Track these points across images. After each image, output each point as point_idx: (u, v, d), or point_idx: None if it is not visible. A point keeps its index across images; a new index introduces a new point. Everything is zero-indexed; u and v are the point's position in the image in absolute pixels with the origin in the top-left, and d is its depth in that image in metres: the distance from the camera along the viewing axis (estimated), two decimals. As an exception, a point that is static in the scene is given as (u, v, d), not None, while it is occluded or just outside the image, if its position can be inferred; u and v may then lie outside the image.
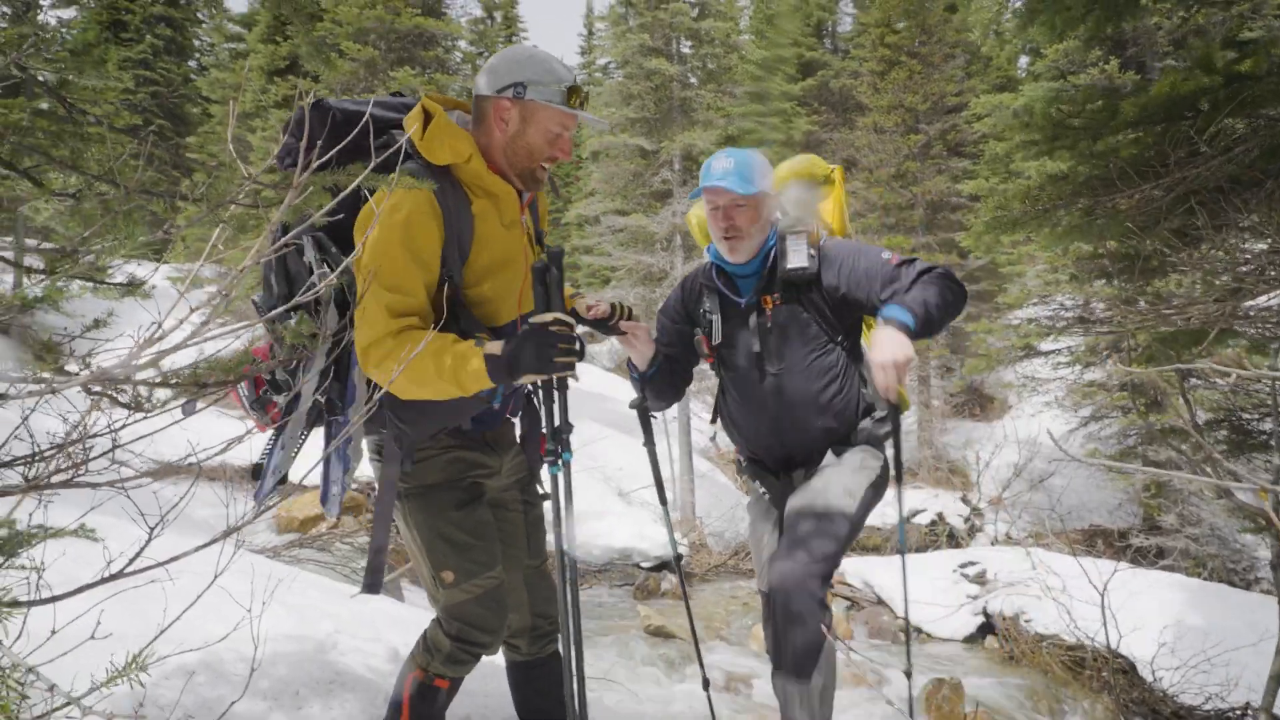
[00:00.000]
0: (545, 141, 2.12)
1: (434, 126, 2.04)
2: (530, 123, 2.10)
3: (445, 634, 2.24)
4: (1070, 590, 6.67)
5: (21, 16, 12.55)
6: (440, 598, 2.22)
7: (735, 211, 2.63)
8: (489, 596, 2.22)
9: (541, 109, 2.09)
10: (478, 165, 2.08)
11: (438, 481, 2.19)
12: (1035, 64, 15.31)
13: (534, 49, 2.20)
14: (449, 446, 2.21)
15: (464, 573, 2.18)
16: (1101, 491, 15.50)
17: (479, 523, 2.24)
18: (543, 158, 2.14)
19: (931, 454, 18.90)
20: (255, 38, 18.09)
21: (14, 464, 1.20)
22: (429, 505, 2.19)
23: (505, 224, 2.16)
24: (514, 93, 2.08)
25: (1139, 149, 2.96)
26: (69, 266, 1.31)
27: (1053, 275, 14.23)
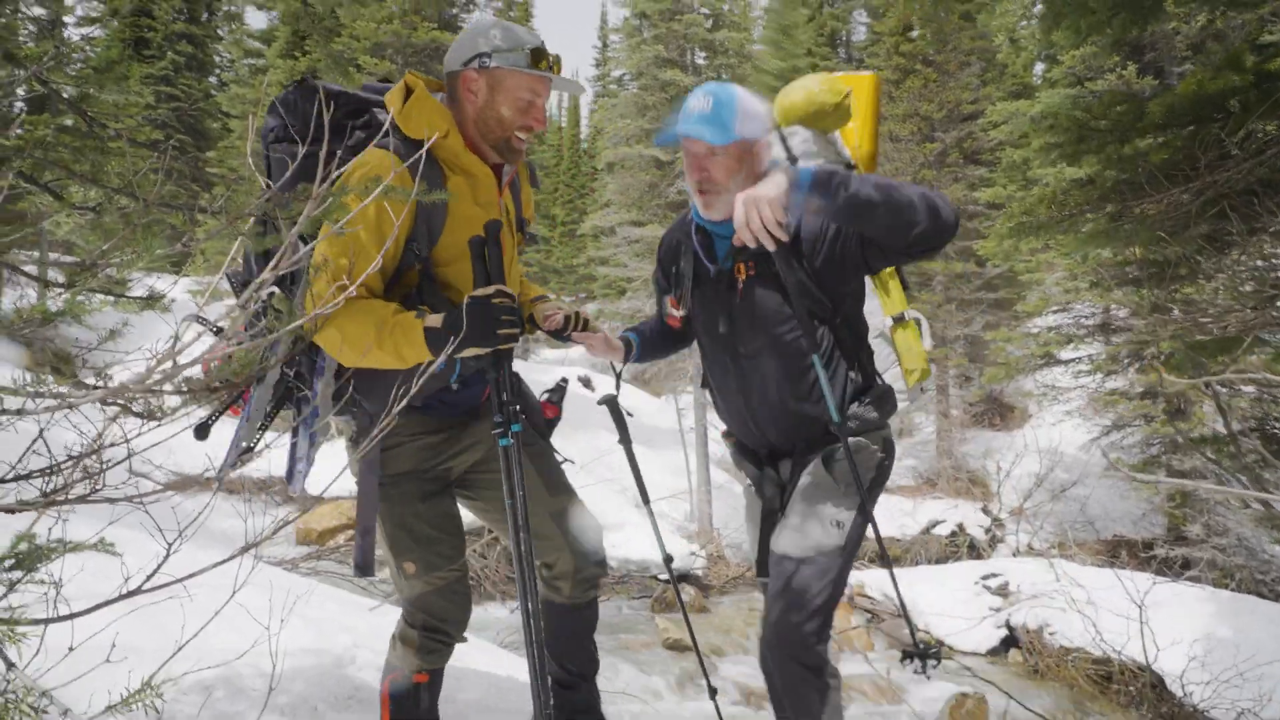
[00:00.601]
0: (516, 110, 2.09)
1: (413, 100, 2.04)
2: (498, 91, 2.08)
3: (411, 625, 2.27)
4: (1095, 602, 6.57)
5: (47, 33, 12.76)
6: (403, 588, 2.23)
7: (709, 162, 2.25)
8: (450, 589, 2.24)
9: (509, 75, 2.07)
10: (455, 142, 2.07)
11: (405, 471, 2.19)
12: (1052, 70, 15.20)
13: (496, 19, 2.17)
14: (418, 433, 2.20)
15: (425, 565, 2.20)
16: (1125, 501, 15.29)
17: (444, 515, 2.25)
18: (515, 127, 2.11)
19: (951, 464, 18.72)
20: (274, 53, 18.28)
21: (31, 478, 1.18)
22: (394, 495, 2.19)
23: (480, 204, 2.13)
24: (479, 63, 2.06)
25: (1168, 152, 2.91)
26: (89, 280, 1.30)
27: (1072, 283, 14.09)
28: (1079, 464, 15.55)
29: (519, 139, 2.14)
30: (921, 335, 2.57)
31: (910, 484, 18.02)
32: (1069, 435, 15.79)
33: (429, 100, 2.07)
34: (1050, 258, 13.46)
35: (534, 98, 2.11)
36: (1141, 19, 2.80)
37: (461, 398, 2.25)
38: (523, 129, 2.12)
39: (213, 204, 1.26)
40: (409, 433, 2.19)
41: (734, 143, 2.21)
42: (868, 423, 2.35)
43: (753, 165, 2.26)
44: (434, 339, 1.88)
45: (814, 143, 2.48)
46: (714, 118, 2.21)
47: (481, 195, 2.14)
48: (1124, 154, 2.89)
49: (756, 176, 2.25)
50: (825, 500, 2.30)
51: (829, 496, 2.31)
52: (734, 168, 2.24)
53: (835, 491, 2.31)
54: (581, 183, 36.76)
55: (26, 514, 1.32)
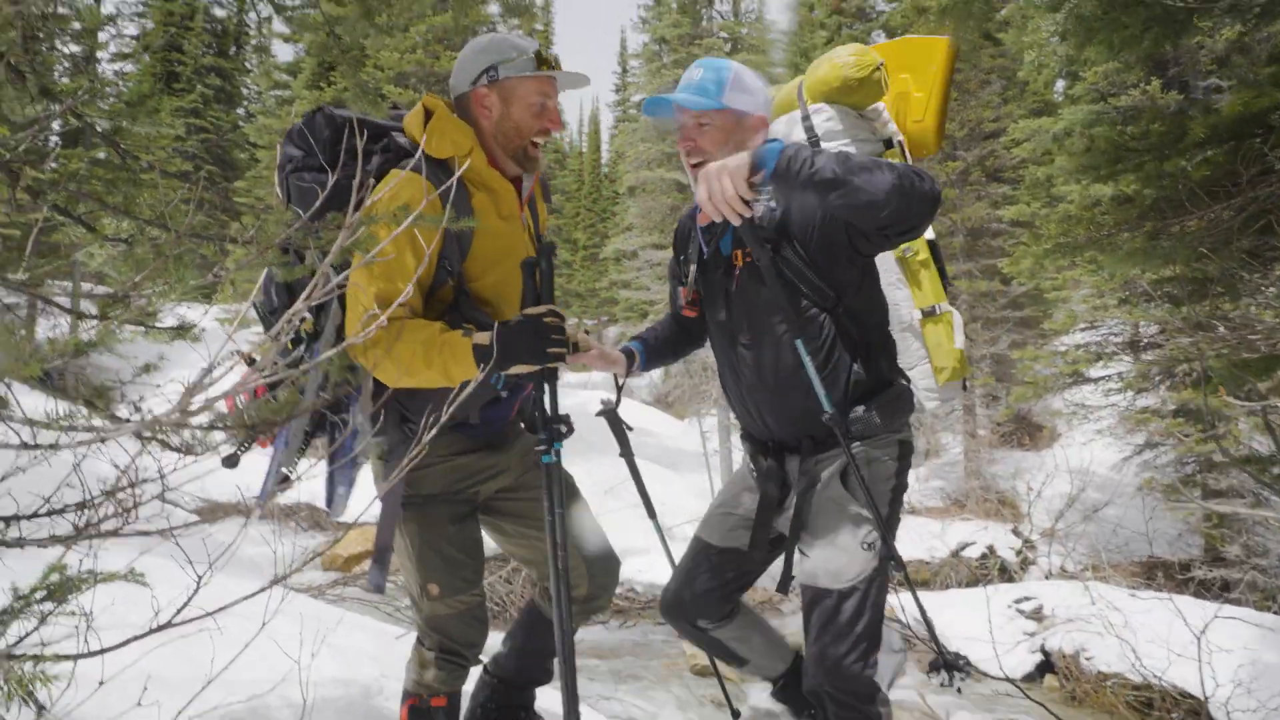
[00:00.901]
0: (531, 115, 2.13)
1: (435, 120, 2.07)
2: (512, 100, 2.11)
3: (427, 648, 2.28)
4: (1133, 626, 6.42)
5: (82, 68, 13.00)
6: (424, 609, 2.24)
7: (696, 131, 2.20)
8: (470, 614, 2.26)
9: (519, 83, 2.11)
10: (478, 159, 2.09)
11: (436, 492, 2.20)
12: (1073, 87, 15.12)
13: (491, 35, 2.21)
14: (449, 455, 2.20)
15: (449, 588, 2.20)
16: (1159, 521, 15.00)
17: (470, 539, 2.27)
18: (533, 133, 2.14)
19: (979, 484, 18.48)
20: (301, 84, 18.58)
21: (65, 511, 1.18)
22: (425, 517, 2.19)
23: (503, 216, 2.16)
24: (488, 78, 2.10)
25: (1209, 169, 2.86)
26: (121, 312, 1.30)
27: (1099, 300, 13.93)
28: (1111, 484, 15.29)
29: (535, 145, 2.18)
30: (954, 331, 2.42)
31: (939, 505, 17.80)
32: (1100, 454, 15.54)
33: (451, 119, 2.10)
34: (1077, 275, 13.32)
35: (545, 99, 2.16)
36: (1174, 33, 2.77)
37: (492, 415, 2.25)
38: (540, 133, 2.16)
39: (243, 234, 1.26)
40: (439, 454, 2.18)
41: (719, 111, 2.18)
42: (872, 428, 2.19)
43: (742, 139, 2.21)
44: (482, 356, 1.90)
45: (840, 120, 2.35)
46: (701, 87, 2.20)
47: (504, 209, 2.17)
48: (1163, 171, 2.84)
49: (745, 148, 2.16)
50: (850, 523, 2.19)
51: (854, 518, 2.19)
52: (720, 139, 2.19)
53: (857, 514, 2.20)
54: (603, 207, 36.96)
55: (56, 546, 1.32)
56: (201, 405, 1.13)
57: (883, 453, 2.25)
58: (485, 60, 2.11)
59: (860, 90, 2.35)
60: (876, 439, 2.23)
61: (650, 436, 17.21)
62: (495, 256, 2.12)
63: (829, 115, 2.36)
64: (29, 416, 0.89)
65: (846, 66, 2.34)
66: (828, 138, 2.33)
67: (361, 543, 9.53)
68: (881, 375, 2.24)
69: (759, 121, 2.25)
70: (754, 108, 2.23)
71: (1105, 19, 2.64)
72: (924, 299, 2.39)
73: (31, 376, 0.84)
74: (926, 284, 2.38)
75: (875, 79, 2.35)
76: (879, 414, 2.18)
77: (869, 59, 2.36)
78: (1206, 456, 11.93)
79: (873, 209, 1.88)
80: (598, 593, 2.39)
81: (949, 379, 2.40)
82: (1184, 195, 2.75)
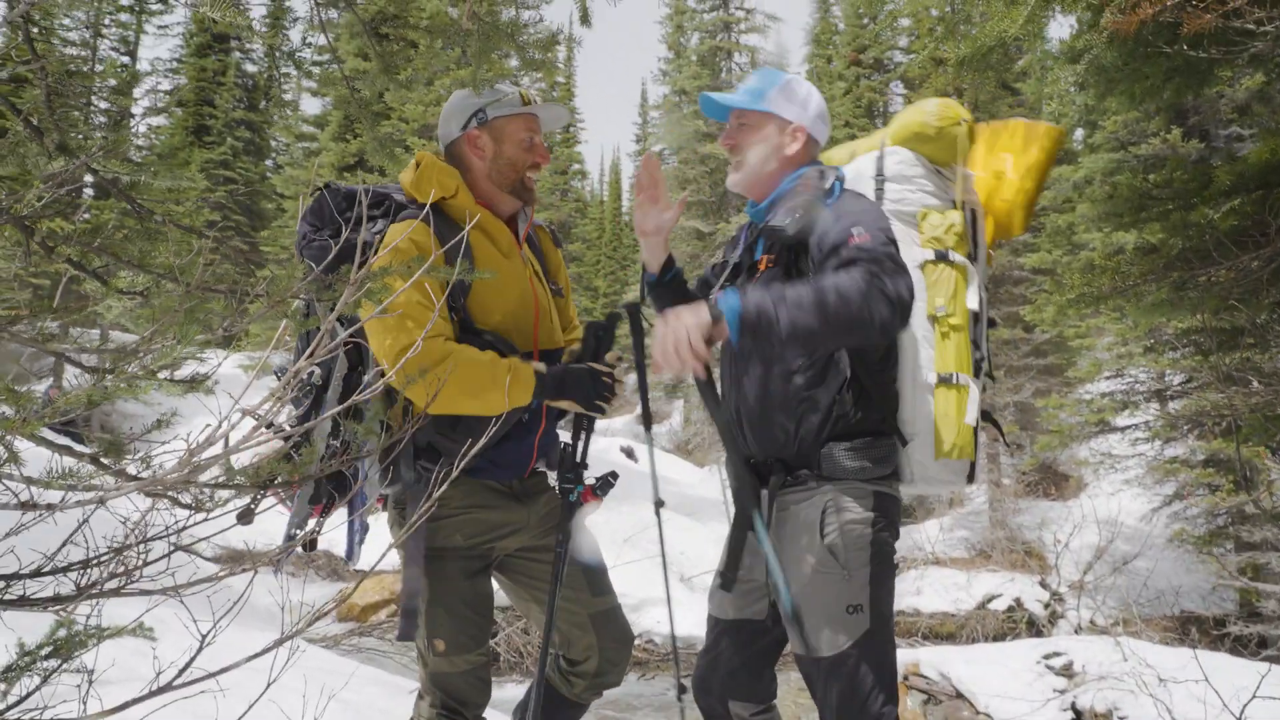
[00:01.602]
0: (523, 150, 2.28)
1: (420, 170, 2.19)
2: (503, 138, 2.27)
3: (428, 704, 2.24)
4: (1167, 684, 6.20)
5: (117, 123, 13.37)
6: (429, 663, 2.20)
7: (736, 129, 2.28)
8: (474, 673, 2.23)
9: (508, 121, 2.27)
10: (464, 198, 2.21)
11: (452, 546, 2.18)
12: (1093, 136, 15.16)
13: (469, 88, 2.35)
14: (468, 506, 2.19)
15: (456, 646, 2.18)
16: (1191, 575, 14.64)
17: (482, 597, 2.25)
18: (525, 166, 2.29)
19: (1005, 535, 18.14)
20: (327, 136, 18.99)
21: (68, 570, 1.16)
22: (439, 570, 2.17)
23: (503, 252, 2.25)
24: (477, 120, 2.26)
25: (1236, 219, 2.82)
26: (129, 364, 1.29)
27: (1124, 348, 13.78)
28: (1140, 535, 14.97)
29: (530, 178, 2.31)
30: (968, 405, 2.21)
31: (963, 555, 17.47)
32: (1128, 505, 15.25)
33: (437, 164, 2.21)
34: (1100, 323, 13.20)
35: (533, 135, 2.31)
36: (1196, 84, 2.75)
37: (510, 453, 2.24)
38: (532, 167, 2.30)
39: (255, 287, 1.26)
40: (458, 504, 2.17)
41: (760, 113, 2.24)
42: (840, 469, 2.10)
43: (780, 144, 2.24)
44: (541, 384, 2.09)
45: (911, 166, 2.32)
46: (749, 89, 2.29)
47: (501, 244, 2.27)
48: (1189, 221, 2.80)
49: (783, 160, 2.24)
50: (829, 589, 2.08)
51: (832, 584, 2.07)
52: (755, 137, 2.25)
53: (837, 575, 2.07)
54: (623, 254, 37.25)
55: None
56: (210, 462, 1.12)
57: (855, 502, 2.12)
58: (474, 105, 2.26)
59: (937, 140, 2.32)
60: (847, 484, 2.12)
61: (671, 484, 17.08)
62: (496, 290, 2.20)
63: (901, 158, 2.34)
64: (29, 476, 0.88)
65: (928, 114, 2.33)
66: (894, 179, 2.32)
67: (378, 591, 9.46)
68: (869, 421, 2.16)
69: (799, 131, 2.26)
70: (797, 116, 2.26)
71: (1126, 69, 2.64)
72: (944, 364, 2.22)
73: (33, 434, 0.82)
74: (951, 350, 2.23)
75: (953, 134, 2.30)
76: (849, 457, 2.10)
77: (953, 113, 2.33)
78: (1239, 508, 11.66)
79: (857, 337, 1.95)
80: (607, 668, 2.37)
81: (946, 455, 2.19)
82: (1211, 245, 2.71)
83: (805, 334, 1.82)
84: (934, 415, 2.20)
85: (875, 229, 1.98)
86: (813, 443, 2.13)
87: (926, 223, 2.28)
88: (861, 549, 2.09)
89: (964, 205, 2.34)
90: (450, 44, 2.49)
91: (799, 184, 2.20)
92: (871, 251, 1.91)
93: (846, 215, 2.04)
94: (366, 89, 2.38)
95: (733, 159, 2.30)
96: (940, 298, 2.22)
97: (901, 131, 2.37)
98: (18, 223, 1.08)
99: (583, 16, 2.40)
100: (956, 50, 2.70)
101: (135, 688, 1.36)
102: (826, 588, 2.08)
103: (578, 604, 2.33)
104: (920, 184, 2.32)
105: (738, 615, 2.32)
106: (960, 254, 2.26)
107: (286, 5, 27.38)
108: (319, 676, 2.74)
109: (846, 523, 2.10)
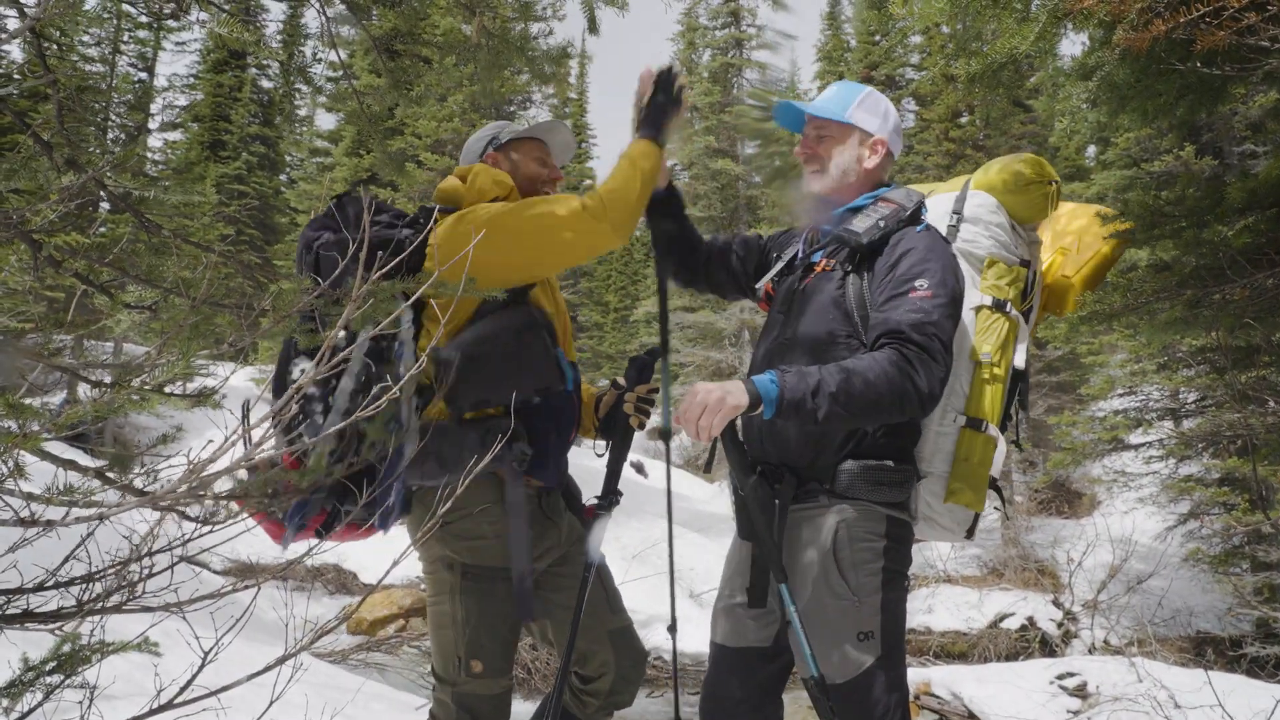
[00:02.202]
0: (538, 167, 2.51)
1: (475, 171, 2.37)
2: (520, 159, 2.50)
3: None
4: (1183, 706, 6.11)
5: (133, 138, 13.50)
6: (459, 684, 2.19)
7: (815, 140, 2.29)
8: (501, 698, 2.25)
9: (520, 143, 2.51)
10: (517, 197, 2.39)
11: (496, 565, 2.17)
12: (1105, 153, 15.13)
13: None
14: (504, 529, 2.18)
15: (494, 670, 2.19)
16: (1207, 595, 14.46)
17: (519, 623, 2.27)
18: (542, 181, 2.50)
19: (1017, 553, 17.98)
20: (341, 151, 19.12)
21: (71, 585, 1.15)
22: (485, 591, 2.18)
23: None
24: (493, 146, 2.50)
25: (1250, 236, 2.80)
26: (138, 377, 1.29)
27: (1137, 365, 13.69)
28: (1154, 554, 14.79)
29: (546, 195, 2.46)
30: (994, 457, 2.17)
31: (975, 574, 17.32)
32: (1142, 523, 15.09)
33: (489, 169, 2.39)
34: (1113, 339, 13.12)
35: (544, 155, 2.53)
36: (1209, 101, 2.74)
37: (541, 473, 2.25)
38: (548, 183, 2.51)
39: (261, 303, 1.26)
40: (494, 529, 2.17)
41: (841, 124, 2.25)
42: (854, 487, 2.05)
43: (860, 156, 2.26)
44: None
45: (991, 213, 2.35)
46: (829, 99, 2.30)
47: None
48: (1202, 239, 2.78)
49: (863, 173, 2.26)
50: (840, 614, 2.04)
51: (843, 609, 2.03)
52: (837, 148, 2.26)
53: (848, 600, 2.03)
54: (634, 269, 37.30)
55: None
56: (216, 476, 1.11)
57: (868, 525, 2.08)
58: (489, 134, 2.53)
59: (1023, 193, 2.35)
60: (859, 504, 2.07)
61: (681, 500, 17.02)
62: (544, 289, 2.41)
63: (982, 202, 2.36)
64: (30, 492, 0.88)
65: (1022, 163, 2.37)
66: (971, 220, 2.34)
67: (386, 606, 9.43)
68: (891, 446, 2.12)
69: (879, 144, 2.27)
70: (877, 129, 2.26)
71: (1138, 86, 2.63)
72: (977, 408, 2.18)
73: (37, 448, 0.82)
74: (987, 398, 2.20)
75: (1042, 192, 2.35)
76: (866, 477, 2.06)
77: (1046, 171, 2.37)
78: (1255, 527, 11.53)
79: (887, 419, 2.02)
80: (621, 687, 2.37)
81: (956, 500, 2.14)
82: (1225, 262, 2.69)
83: (837, 421, 1.92)
84: (954, 457, 2.16)
85: (939, 284, 2.00)
86: (832, 454, 2.08)
87: (991, 271, 2.29)
88: (874, 574, 2.05)
89: (1029, 265, 2.36)
90: (463, 60, 2.53)
91: (880, 200, 2.19)
92: (920, 330, 1.94)
93: (919, 254, 2.06)
94: (377, 104, 2.41)
95: (808, 168, 2.30)
96: (988, 345, 2.21)
97: (990, 179, 2.40)
98: (25, 237, 1.08)
99: (590, 25, 2.45)
100: (967, 67, 2.70)
101: (139, 703, 1.35)
102: (837, 612, 2.04)
103: (597, 620, 2.33)
104: (995, 232, 2.34)
105: (741, 643, 2.24)
106: (1016, 309, 2.28)
107: (301, 23, 27.73)
108: (324, 692, 2.72)
109: (859, 546, 2.06)
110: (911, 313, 1.96)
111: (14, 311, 1.79)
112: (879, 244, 2.11)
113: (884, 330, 1.97)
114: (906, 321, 1.95)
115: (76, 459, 1.18)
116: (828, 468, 2.09)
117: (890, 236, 2.11)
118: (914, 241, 2.09)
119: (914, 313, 1.96)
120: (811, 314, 2.16)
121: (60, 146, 1.20)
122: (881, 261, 2.09)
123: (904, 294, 2.00)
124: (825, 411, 1.86)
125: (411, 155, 14.59)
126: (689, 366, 16.91)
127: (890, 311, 1.99)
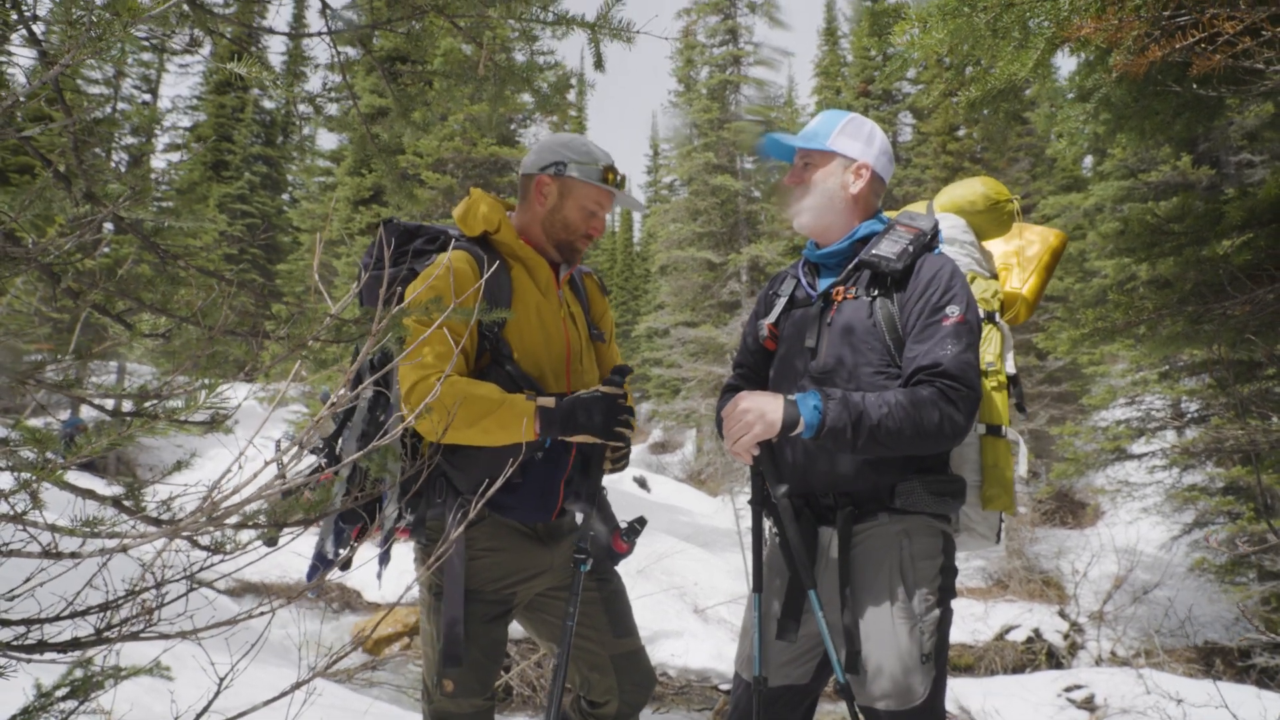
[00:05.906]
0: (581, 218, 2.28)
1: (468, 203, 2.22)
2: (568, 198, 2.26)
3: None
4: (1192, 718, 6.08)
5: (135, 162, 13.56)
6: (435, 702, 2.20)
7: (801, 169, 2.27)
8: (477, 717, 2.22)
9: (579, 185, 2.26)
10: (507, 233, 2.23)
11: (474, 588, 2.17)
12: (1103, 164, 15.18)
13: (576, 135, 2.37)
14: (492, 549, 2.19)
15: (465, 689, 2.17)
16: (1214, 605, 14.39)
17: (495, 642, 2.24)
18: (578, 234, 2.29)
19: (1022, 564, 17.92)
20: (343, 171, 19.21)
21: (87, 614, 1.17)
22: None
23: (541, 289, 2.26)
24: (555, 170, 2.26)
25: (1250, 253, 2.82)
26: (151, 404, 1.31)
27: (1138, 375, 13.68)
28: (1160, 564, 14.74)
29: (580, 246, 2.31)
30: (1018, 460, 2.24)
31: (980, 585, 17.25)
32: (1147, 533, 15.05)
33: (485, 198, 2.24)
34: (1115, 349, 13.14)
35: (598, 209, 2.30)
36: (1206, 118, 2.76)
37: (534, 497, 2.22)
38: (584, 238, 2.30)
39: (276, 330, 1.28)
40: (482, 546, 2.18)
41: (823, 152, 2.25)
42: (918, 502, 2.03)
43: (845, 182, 2.24)
44: (548, 419, 2.02)
45: (963, 233, 2.43)
46: (812, 130, 2.30)
47: (540, 280, 2.27)
48: (1202, 256, 2.80)
49: (849, 198, 2.24)
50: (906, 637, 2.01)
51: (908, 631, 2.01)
52: (820, 175, 2.25)
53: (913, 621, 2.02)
54: (635, 285, 37.41)
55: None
56: (231, 509, 1.13)
57: (928, 540, 2.08)
58: (558, 154, 2.27)
59: (989, 213, 2.45)
60: (920, 518, 2.07)
61: (683, 514, 16.99)
62: (534, 325, 2.21)
63: (953, 223, 2.43)
64: (53, 524, 0.89)
65: (986, 184, 2.46)
66: (948, 242, 2.38)
67: (391, 624, 9.42)
68: (939, 457, 2.15)
69: (863, 168, 2.26)
70: (860, 154, 2.26)
71: (1135, 106, 2.65)
72: (992, 415, 2.21)
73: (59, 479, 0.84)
74: (998, 404, 2.23)
75: (1007, 210, 2.45)
76: (931, 489, 2.04)
77: (1004, 191, 2.47)
78: (1260, 536, 11.50)
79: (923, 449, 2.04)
80: (626, 712, 2.35)
81: (994, 506, 2.17)
82: (1225, 279, 2.70)
83: (870, 452, 1.99)
84: (982, 464, 2.19)
85: (967, 309, 2.07)
86: (894, 474, 2.07)
87: (974, 286, 2.34)
88: (933, 593, 2.06)
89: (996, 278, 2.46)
90: (465, 81, 2.52)
91: (899, 226, 2.21)
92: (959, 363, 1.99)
93: (945, 280, 2.09)
94: (384, 132, 2.42)
95: (795, 196, 2.30)
96: (989, 354, 2.27)
97: (955, 201, 2.48)
98: (45, 269, 1.10)
99: (596, 62, 2.43)
100: (967, 94, 2.73)
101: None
102: (902, 635, 2.01)
103: (599, 645, 2.31)
104: (969, 249, 2.41)
105: (778, 682, 2.19)
106: (1004, 319, 2.36)
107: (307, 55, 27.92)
108: (335, 715, 2.73)
109: (920, 564, 2.06)
110: (950, 345, 2.00)
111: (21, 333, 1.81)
112: (909, 271, 2.13)
113: (924, 365, 2.01)
114: (946, 356, 1.99)
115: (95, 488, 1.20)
116: (887, 485, 2.08)
117: (915, 261, 2.14)
118: (936, 266, 2.12)
119: (952, 345, 2.00)
120: (847, 343, 2.14)
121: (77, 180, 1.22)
122: (910, 286, 2.11)
123: (937, 322, 2.04)
124: (863, 443, 1.94)
125: (414, 174, 14.67)
126: (690, 381, 16.91)
127: (927, 343, 2.03)
